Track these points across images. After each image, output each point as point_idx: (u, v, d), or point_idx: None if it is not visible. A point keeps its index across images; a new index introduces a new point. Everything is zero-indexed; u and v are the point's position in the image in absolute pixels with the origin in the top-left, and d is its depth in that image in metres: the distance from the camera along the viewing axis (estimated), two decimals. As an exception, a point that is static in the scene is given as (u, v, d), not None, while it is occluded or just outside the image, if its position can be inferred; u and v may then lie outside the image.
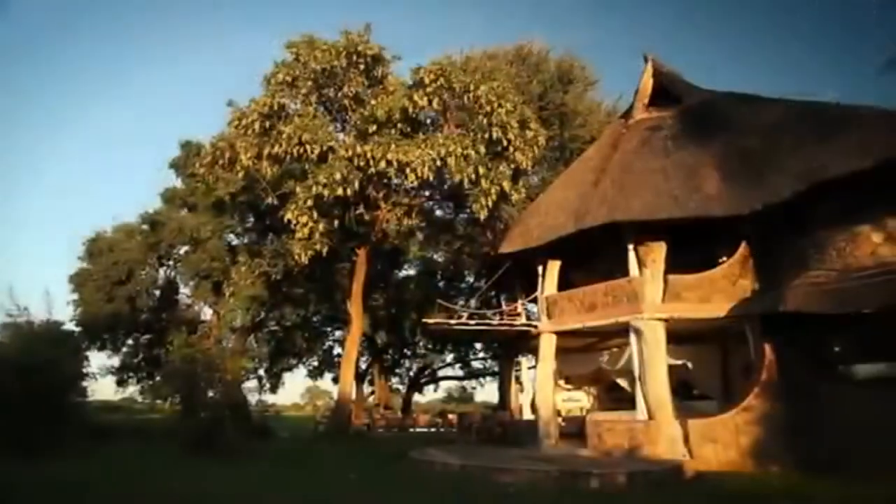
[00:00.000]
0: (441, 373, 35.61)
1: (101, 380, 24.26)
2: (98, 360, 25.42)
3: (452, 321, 14.09)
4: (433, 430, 26.41)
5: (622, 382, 13.39)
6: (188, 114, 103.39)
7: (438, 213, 22.56)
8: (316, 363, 32.70)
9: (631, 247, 11.92)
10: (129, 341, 25.76)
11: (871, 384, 9.69)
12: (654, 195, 11.68)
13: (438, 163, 14.01)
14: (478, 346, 28.98)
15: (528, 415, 15.26)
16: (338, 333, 30.82)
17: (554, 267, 13.69)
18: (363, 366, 30.74)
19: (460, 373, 35.90)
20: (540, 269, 13.87)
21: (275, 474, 9.70)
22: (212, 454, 11.37)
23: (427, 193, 19.78)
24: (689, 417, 10.63)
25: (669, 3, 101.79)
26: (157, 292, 24.51)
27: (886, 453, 8.24)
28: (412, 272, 27.96)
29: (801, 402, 9.69)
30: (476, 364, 33.85)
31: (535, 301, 14.33)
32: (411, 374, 34.69)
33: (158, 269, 24.54)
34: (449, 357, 33.04)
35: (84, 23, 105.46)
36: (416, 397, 37.77)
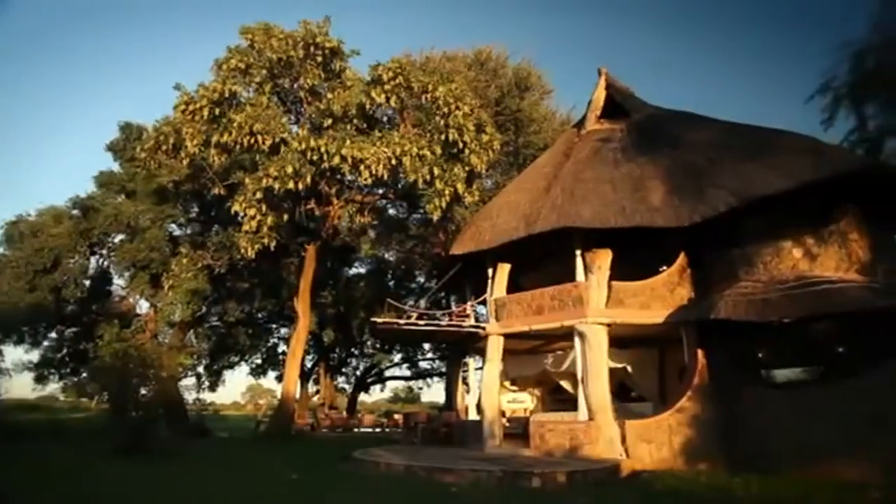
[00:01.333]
0: (388, 373, 35.36)
1: (17, 376, 22.53)
2: (14, 354, 23.58)
3: (401, 321, 14.01)
4: (379, 430, 26.23)
5: (565, 384, 13.78)
6: (127, 99, 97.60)
7: (391, 211, 22.49)
8: (259, 361, 31.69)
9: (579, 253, 12.29)
10: (53, 335, 23.96)
11: (787, 387, 10.49)
12: (603, 204, 12.10)
13: (393, 161, 13.92)
14: (426, 346, 29.03)
15: (473, 415, 15.41)
16: (283, 331, 30.02)
17: (504, 269, 13.91)
18: (309, 364, 30.09)
19: (407, 373, 35.82)
20: (490, 271, 14.06)
21: (209, 475, 9.31)
22: (142, 455, 10.80)
23: (381, 192, 19.65)
24: (627, 418, 11.08)
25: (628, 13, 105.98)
26: (88, 282, 22.87)
27: (799, 451, 8.98)
28: (362, 270, 27.71)
29: (728, 404, 10.35)
30: (423, 364, 33.89)
31: (484, 303, 14.50)
32: (358, 373, 34.26)
33: (90, 258, 22.86)
34: (396, 357, 32.87)
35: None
36: (363, 397, 37.45)
